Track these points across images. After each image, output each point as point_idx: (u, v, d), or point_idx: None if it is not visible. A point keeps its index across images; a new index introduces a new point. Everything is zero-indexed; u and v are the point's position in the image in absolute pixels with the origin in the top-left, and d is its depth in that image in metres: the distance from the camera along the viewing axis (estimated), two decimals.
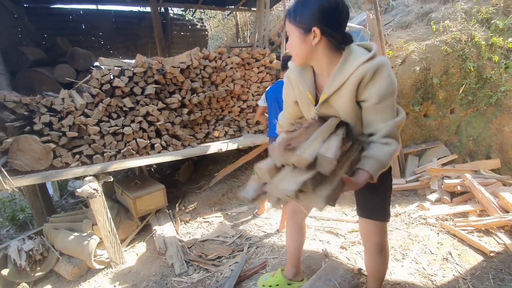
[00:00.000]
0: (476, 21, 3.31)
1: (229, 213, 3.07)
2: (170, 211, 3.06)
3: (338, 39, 1.06)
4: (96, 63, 3.67)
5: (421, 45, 3.45)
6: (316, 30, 1.02)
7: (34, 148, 2.36)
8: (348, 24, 3.56)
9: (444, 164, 3.19)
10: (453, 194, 2.74)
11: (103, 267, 2.37)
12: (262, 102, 2.63)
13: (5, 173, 2.10)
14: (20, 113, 2.45)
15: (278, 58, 3.55)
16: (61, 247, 2.41)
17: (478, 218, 2.34)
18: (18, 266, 2.24)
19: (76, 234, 2.43)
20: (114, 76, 2.66)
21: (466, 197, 2.64)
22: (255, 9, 4.78)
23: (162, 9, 5.70)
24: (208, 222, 2.94)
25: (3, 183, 2.09)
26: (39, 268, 2.34)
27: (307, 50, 1.08)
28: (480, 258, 1.95)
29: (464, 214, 2.47)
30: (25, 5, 4.64)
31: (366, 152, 1.08)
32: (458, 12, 3.51)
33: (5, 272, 2.19)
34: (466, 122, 3.25)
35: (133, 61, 2.83)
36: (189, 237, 2.70)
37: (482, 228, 2.23)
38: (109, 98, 2.64)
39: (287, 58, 2.46)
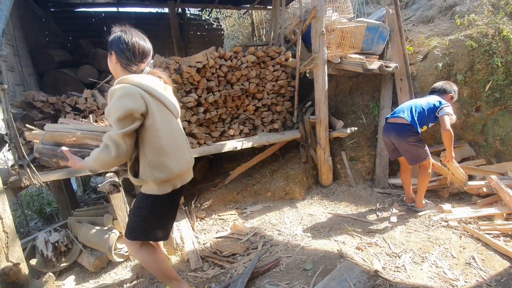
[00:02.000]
0: (504, 14, 3.13)
1: (244, 211, 3.10)
2: (186, 208, 3.13)
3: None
4: None
5: (444, 40, 3.31)
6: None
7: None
8: (366, 19, 3.47)
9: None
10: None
11: (122, 260, 2.46)
12: None
13: (34, 168, 2.22)
14: (47, 112, 2.58)
15: (293, 56, 3.52)
16: (84, 239, 2.52)
17: (505, 222, 2.22)
18: (45, 256, 2.37)
19: (97, 227, 2.54)
20: None
21: (492, 199, 2.52)
22: (270, 7, 4.76)
23: (180, 9, 5.81)
24: (223, 219, 2.97)
25: (32, 178, 2.21)
26: (64, 259, 2.47)
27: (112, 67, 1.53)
28: (506, 264, 1.85)
29: (489, 218, 2.36)
30: (51, 10, 4.87)
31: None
32: (484, 5, 3.33)
33: (33, 261, 2.33)
34: (493, 121, 3.09)
35: (151, 61, 2.91)
36: (204, 233, 2.75)
37: (509, 233, 2.12)
38: None
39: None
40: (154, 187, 1.47)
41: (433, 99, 2.54)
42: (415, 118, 2.48)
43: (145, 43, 1.49)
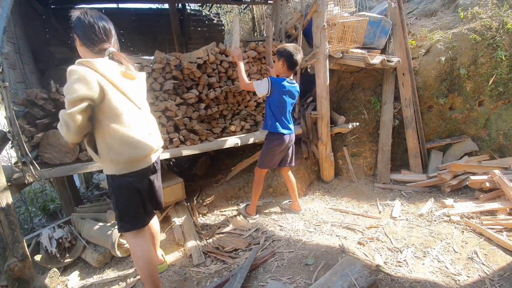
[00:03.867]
0: (508, 7, 3.09)
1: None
2: (188, 203, 3.14)
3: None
4: None
5: (447, 34, 3.27)
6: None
7: (62, 142, 2.49)
8: (368, 13, 3.44)
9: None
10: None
11: (126, 255, 2.49)
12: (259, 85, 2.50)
13: (37, 166, 2.24)
14: (48, 109, 2.59)
15: None
16: (87, 235, 2.55)
17: (508, 217, 2.21)
18: (49, 252, 2.40)
19: (100, 224, 2.56)
20: None
21: (495, 194, 2.51)
22: (271, 2, 4.72)
23: (180, 5, 5.77)
24: (225, 215, 2.99)
25: (35, 175, 2.23)
26: (68, 255, 2.49)
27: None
28: (509, 258, 1.85)
29: (492, 212, 2.35)
30: (52, 6, 4.86)
31: None
32: None
33: (37, 257, 2.35)
34: (496, 115, 3.06)
35: (152, 57, 2.90)
36: (207, 229, 2.76)
37: None
38: None
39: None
40: (112, 166, 1.53)
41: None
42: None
43: (105, 23, 1.53)
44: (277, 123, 2.49)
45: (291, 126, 2.58)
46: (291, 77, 2.52)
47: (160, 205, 1.89)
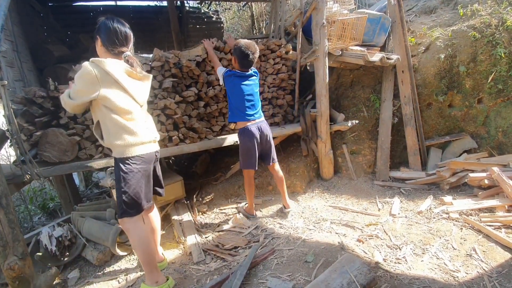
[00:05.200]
0: (508, 4, 3.08)
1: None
2: (188, 202, 3.14)
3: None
4: None
5: (446, 31, 3.26)
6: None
7: (61, 140, 2.49)
8: (368, 11, 3.42)
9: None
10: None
11: (126, 253, 2.49)
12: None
13: (36, 164, 2.23)
14: (47, 107, 2.58)
15: (294, 49, 3.49)
16: (87, 234, 2.55)
17: (507, 214, 2.22)
18: (49, 251, 2.40)
19: (100, 222, 2.56)
20: None
21: (494, 191, 2.52)
22: None
23: (178, 2, 5.74)
24: (224, 213, 2.99)
25: (34, 173, 2.22)
26: (67, 253, 2.49)
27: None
28: (508, 255, 1.85)
29: (491, 210, 2.36)
30: (50, 4, 4.83)
31: None
32: None
33: (37, 256, 2.35)
34: (495, 112, 3.07)
35: (151, 55, 2.89)
36: (206, 227, 2.77)
37: (511, 224, 2.12)
38: None
39: None
40: (117, 149, 1.72)
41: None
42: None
43: (126, 29, 1.76)
44: (234, 112, 2.51)
45: (256, 113, 2.51)
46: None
47: (162, 187, 2.09)
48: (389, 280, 1.71)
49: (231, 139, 3.06)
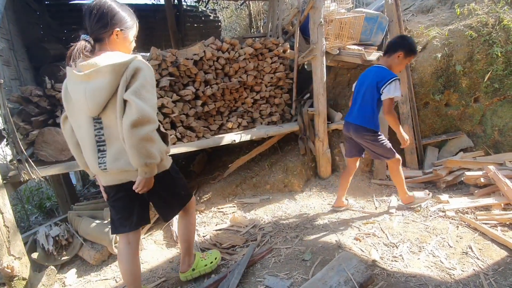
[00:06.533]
0: (505, 3, 3.09)
1: (243, 204, 3.11)
2: None
3: None
4: None
5: (443, 30, 3.27)
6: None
7: (57, 139, 2.48)
8: (365, 10, 3.43)
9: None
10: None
11: None
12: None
13: (32, 163, 2.22)
14: (43, 106, 2.56)
15: (292, 47, 3.49)
16: (84, 233, 2.54)
17: (503, 212, 2.24)
18: (46, 250, 2.39)
19: (97, 221, 2.55)
20: None
21: (490, 190, 2.53)
22: None
23: (176, 1, 5.72)
24: (222, 212, 2.99)
25: (30, 173, 2.21)
26: (65, 253, 2.49)
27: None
28: (504, 253, 1.87)
29: (487, 208, 2.37)
30: (46, 2, 4.79)
31: None
32: None
33: (34, 255, 2.35)
34: (492, 111, 3.08)
35: (148, 54, 2.88)
36: (204, 226, 2.77)
37: (507, 223, 2.14)
38: None
39: (395, 41, 2.26)
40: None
41: (374, 75, 2.24)
42: (366, 117, 2.29)
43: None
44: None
45: (353, 114, 2.38)
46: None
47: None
48: (386, 278, 1.71)
49: (229, 138, 3.06)
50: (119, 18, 1.40)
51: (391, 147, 2.39)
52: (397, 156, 2.41)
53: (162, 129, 1.51)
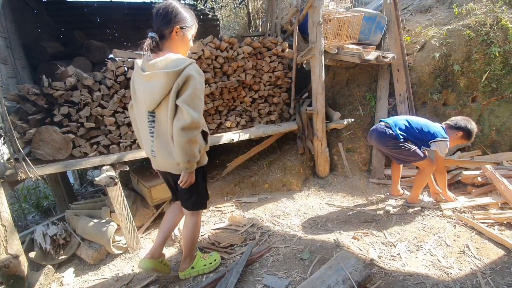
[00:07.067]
0: (503, 3, 3.10)
1: (242, 203, 3.11)
2: None
3: None
4: (111, 55, 3.75)
5: (441, 30, 3.28)
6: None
7: (55, 138, 2.46)
8: (364, 9, 3.43)
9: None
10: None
11: (121, 252, 2.48)
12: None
13: (29, 162, 2.21)
14: (41, 105, 2.55)
15: (290, 47, 3.48)
16: (82, 232, 2.53)
17: (500, 211, 2.25)
18: (43, 249, 2.38)
19: (95, 220, 2.54)
20: (128, 68, 2.70)
21: (487, 189, 2.55)
22: None
23: None
24: (220, 211, 2.99)
25: (27, 171, 2.20)
26: (62, 252, 2.48)
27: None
28: (501, 252, 1.88)
29: (484, 207, 2.39)
30: (44, 0, 4.76)
31: None
32: None
33: (32, 254, 2.34)
34: (489, 111, 3.10)
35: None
36: (203, 225, 2.76)
37: (504, 222, 2.15)
38: (123, 89, 2.70)
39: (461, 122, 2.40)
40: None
41: (436, 126, 2.40)
42: (403, 132, 2.39)
43: None
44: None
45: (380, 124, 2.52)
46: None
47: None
48: (384, 277, 1.72)
49: (227, 137, 3.05)
50: (181, 17, 1.55)
51: (418, 150, 2.40)
52: (429, 159, 2.43)
53: (205, 128, 1.69)
